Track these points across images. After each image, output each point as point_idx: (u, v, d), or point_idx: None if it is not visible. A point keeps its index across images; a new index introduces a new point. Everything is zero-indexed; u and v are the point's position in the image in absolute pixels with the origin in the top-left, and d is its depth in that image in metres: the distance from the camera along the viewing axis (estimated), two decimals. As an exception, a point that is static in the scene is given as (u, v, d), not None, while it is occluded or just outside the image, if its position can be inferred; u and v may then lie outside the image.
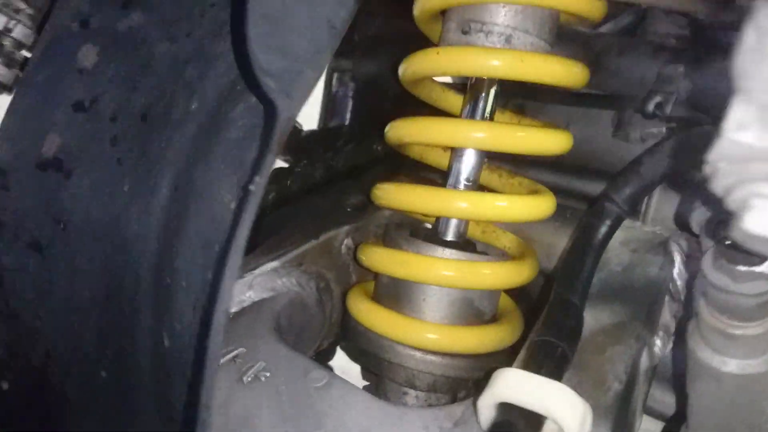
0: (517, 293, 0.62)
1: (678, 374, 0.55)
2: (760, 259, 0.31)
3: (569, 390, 0.37)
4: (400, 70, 0.58)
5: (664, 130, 0.62)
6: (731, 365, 0.35)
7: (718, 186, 0.22)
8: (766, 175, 0.20)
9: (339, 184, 0.75)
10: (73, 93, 0.41)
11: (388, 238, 0.60)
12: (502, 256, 0.60)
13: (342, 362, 0.72)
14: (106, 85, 0.42)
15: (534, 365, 0.40)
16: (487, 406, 0.38)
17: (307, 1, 0.31)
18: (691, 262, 0.53)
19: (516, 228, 0.62)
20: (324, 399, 0.48)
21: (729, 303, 0.33)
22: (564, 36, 0.61)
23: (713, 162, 0.21)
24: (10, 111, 0.41)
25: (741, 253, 0.31)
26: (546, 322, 0.43)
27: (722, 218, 0.33)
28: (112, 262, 0.41)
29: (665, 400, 0.61)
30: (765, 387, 0.36)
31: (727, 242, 0.30)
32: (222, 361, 0.50)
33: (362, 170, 0.78)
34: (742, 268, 0.31)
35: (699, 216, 0.38)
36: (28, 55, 0.54)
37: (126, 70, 0.42)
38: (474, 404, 0.41)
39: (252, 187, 0.27)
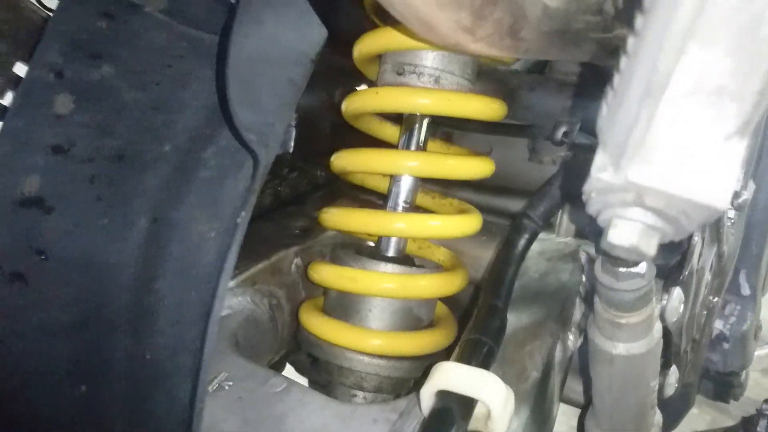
0: (450, 301, 0.69)
1: (587, 365, 0.64)
2: (635, 262, 0.40)
3: (495, 377, 0.45)
4: (343, 106, 0.65)
5: (571, 154, 0.72)
6: (620, 348, 0.43)
7: (591, 209, 0.30)
8: (621, 203, 0.28)
9: (286, 209, 0.81)
10: (51, 138, 0.46)
11: (335, 256, 0.67)
12: (437, 268, 0.68)
13: (291, 376, 0.78)
14: (82, 129, 0.46)
15: (466, 359, 0.47)
16: (427, 395, 0.45)
17: (270, 64, 0.37)
18: (595, 267, 0.63)
19: (448, 243, 0.69)
20: (284, 402, 0.54)
21: (614, 298, 0.41)
22: (483, 74, 0.70)
23: (587, 192, 0.30)
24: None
25: (620, 258, 0.40)
26: (475, 324, 0.51)
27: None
28: (89, 289, 0.46)
29: (580, 389, 0.70)
30: (647, 365, 0.45)
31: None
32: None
33: (306, 195, 0.84)
34: (622, 269, 0.40)
35: (593, 228, 0.47)
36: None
37: (100, 116, 0.47)
38: (417, 396, 0.49)
39: (239, 220, 0.33)
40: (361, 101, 0.63)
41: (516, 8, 0.32)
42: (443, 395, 0.45)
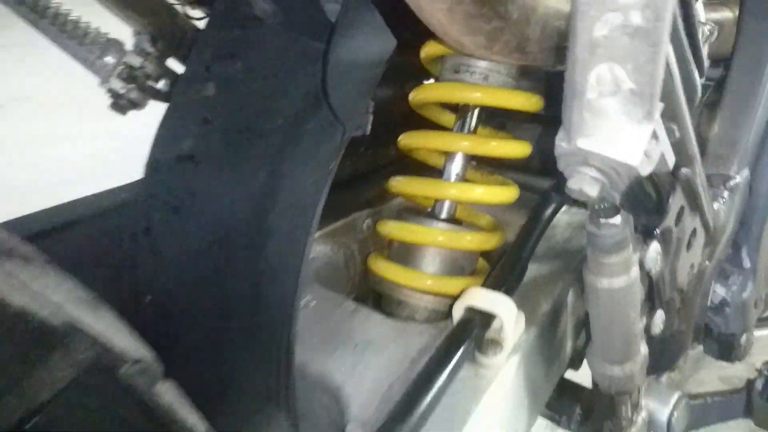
0: (489, 257, 0.85)
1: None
2: (613, 215, 0.54)
3: (510, 300, 0.61)
4: (411, 96, 0.82)
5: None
6: (603, 282, 0.57)
7: (560, 167, 0.45)
8: (575, 162, 0.43)
9: (362, 181, 0.99)
10: (201, 112, 0.65)
11: (399, 216, 0.84)
12: (479, 229, 0.84)
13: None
14: (222, 108, 0.66)
15: (490, 287, 0.63)
16: (458, 310, 0.62)
17: (354, 65, 0.54)
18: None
19: (491, 211, 0.85)
20: (353, 319, 0.72)
21: (598, 242, 0.56)
22: (526, 73, 0.84)
23: (556, 156, 0.45)
24: (162, 124, 0.65)
25: (602, 210, 0.54)
26: (502, 263, 0.67)
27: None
28: (221, 219, 0.65)
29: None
30: (626, 298, 0.59)
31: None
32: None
33: (379, 170, 1.01)
34: (602, 221, 0.54)
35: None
36: (154, 84, 0.78)
37: (234, 98, 0.66)
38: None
39: (330, 167, 0.50)
40: (425, 93, 0.80)
41: (519, 33, 0.48)
42: (469, 310, 0.61)
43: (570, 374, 0.84)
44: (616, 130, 0.40)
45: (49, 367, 0.37)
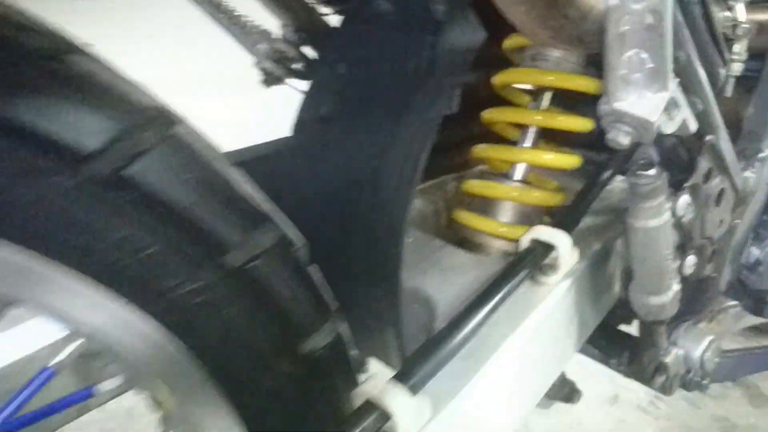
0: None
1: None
2: (649, 167, 0.71)
3: (567, 235, 0.79)
4: (494, 79, 1.00)
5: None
6: (641, 222, 0.75)
7: (603, 124, 0.63)
8: (612, 120, 0.61)
9: (451, 150, 1.19)
10: (336, 85, 0.87)
11: (481, 178, 1.03)
12: (545, 190, 1.01)
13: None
14: (350, 82, 0.87)
15: (552, 225, 0.81)
16: (523, 242, 0.80)
17: (452, 53, 0.74)
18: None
19: (554, 176, 1.02)
20: (440, 253, 0.92)
21: (637, 190, 0.73)
22: (592, 60, 1.01)
23: (599, 115, 0.63)
24: (307, 93, 0.87)
25: (641, 165, 0.71)
26: (562, 210, 0.85)
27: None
28: (346, 171, 0.86)
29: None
30: (659, 237, 0.75)
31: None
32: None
33: (464, 141, 1.20)
34: (640, 172, 0.71)
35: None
36: (294, 65, 1.01)
37: (360, 75, 0.87)
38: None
39: (432, 131, 0.70)
40: (507, 76, 0.98)
41: (579, 27, 0.65)
42: (532, 241, 0.80)
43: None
44: (641, 96, 0.58)
45: (256, 235, 0.59)
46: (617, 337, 1.06)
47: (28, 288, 0.51)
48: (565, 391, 1.09)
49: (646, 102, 0.57)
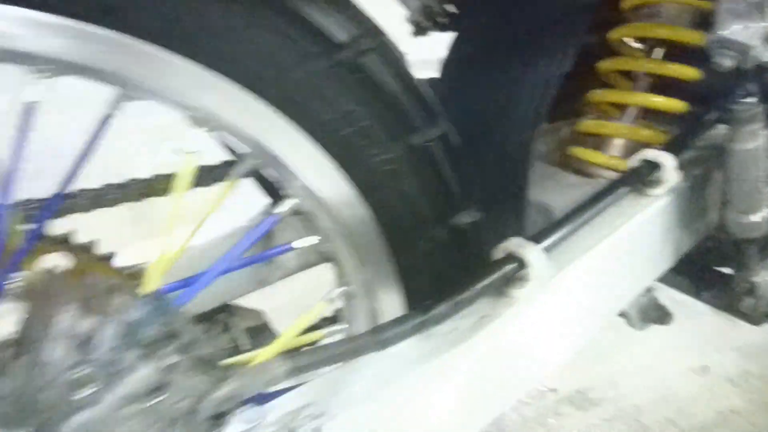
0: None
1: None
2: (747, 96, 0.85)
3: (671, 156, 0.93)
4: (611, 33, 1.15)
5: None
6: (739, 144, 0.88)
7: (710, 51, 0.78)
8: (720, 46, 0.76)
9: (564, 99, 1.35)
10: (478, 33, 1.06)
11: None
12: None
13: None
14: (490, 32, 1.06)
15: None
16: (633, 161, 0.96)
17: (575, 11, 0.91)
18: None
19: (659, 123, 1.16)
20: (560, 176, 1.09)
21: (735, 115, 0.87)
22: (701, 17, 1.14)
23: (708, 43, 0.78)
24: (455, 40, 1.06)
25: (740, 94, 0.85)
26: (671, 137, 0.99)
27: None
28: (487, 100, 1.05)
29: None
30: (754, 157, 0.89)
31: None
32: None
33: (577, 93, 1.36)
34: (739, 99, 0.86)
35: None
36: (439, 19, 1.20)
37: (498, 26, 1.06)
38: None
39: (555, 78, 0.88)
40: (625, 31, 1.14)
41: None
42: (640, 161, 0.95)
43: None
44: (744, 27, 0.73)
45: (429, 122, 0.78)
46: (711, 275, 1.19)
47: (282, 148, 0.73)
48: (658, 313, 1.22)
49: (748, 30, 0.72)
